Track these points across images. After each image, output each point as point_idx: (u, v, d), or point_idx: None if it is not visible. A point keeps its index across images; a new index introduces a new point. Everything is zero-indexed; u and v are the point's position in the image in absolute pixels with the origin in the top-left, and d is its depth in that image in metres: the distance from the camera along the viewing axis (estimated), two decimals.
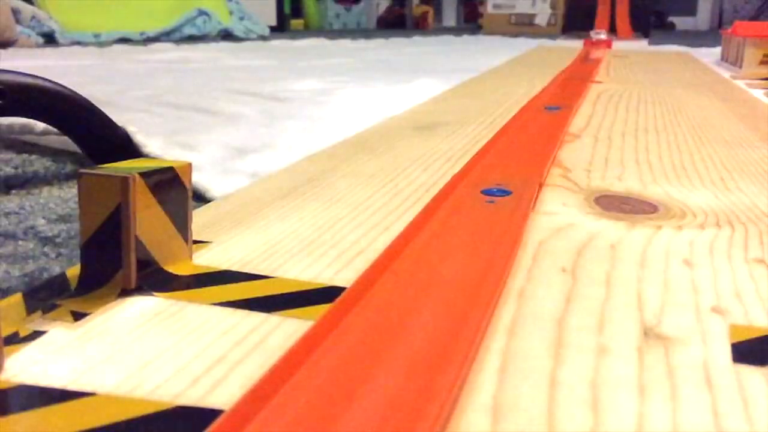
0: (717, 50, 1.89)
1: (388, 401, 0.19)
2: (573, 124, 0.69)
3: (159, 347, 0.23)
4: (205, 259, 0.31)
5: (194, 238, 0.32)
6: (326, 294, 0.28)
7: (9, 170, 0.61)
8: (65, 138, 0.59)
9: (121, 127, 0.61)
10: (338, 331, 0.23)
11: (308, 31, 4.19)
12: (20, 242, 0.43)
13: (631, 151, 0.57)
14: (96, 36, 2.65)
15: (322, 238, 0.35)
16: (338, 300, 0.25)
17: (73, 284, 0.28)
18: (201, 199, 0.50)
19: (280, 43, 2.63)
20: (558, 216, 0.38)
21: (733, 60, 1.55)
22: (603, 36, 2.04)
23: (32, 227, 0.45)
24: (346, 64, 1.68)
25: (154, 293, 0.27)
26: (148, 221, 0.28)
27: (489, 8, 3.89)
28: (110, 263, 0.27)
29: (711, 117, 0.76)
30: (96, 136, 0.58)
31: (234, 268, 0.30)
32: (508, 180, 0.44)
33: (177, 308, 0.26)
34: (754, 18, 3.87)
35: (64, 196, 0.53)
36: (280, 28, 3.97)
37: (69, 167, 0.62)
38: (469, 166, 0.48)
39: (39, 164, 0.63)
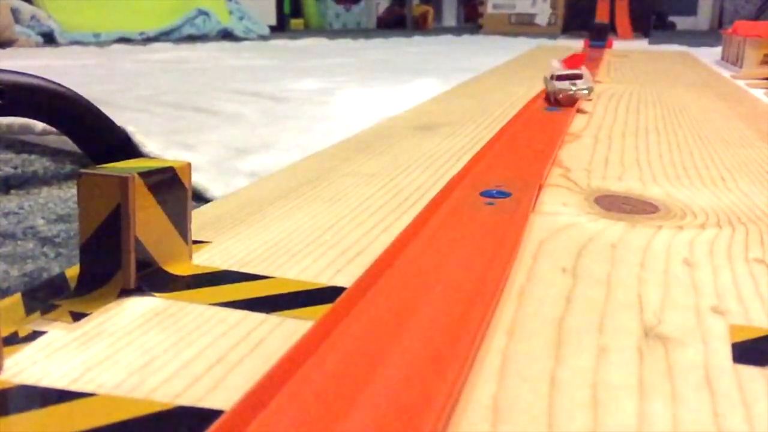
0: (717, 50, 1.89)
1: (388, 401, 0.19)
2: (573, 124, 0.69)
3: (159, 347, 0.23)
4: (205, 259, 0.31)
5: (194, 238, 0.32)
6: (326, 294, 0.28)
7: (9, 170, 0.61)
8: (65, 138, 0.59)
9: (121, 127, 0.61)
10: (338, 332, 0.23)
11: (308, 30, 4.19)
12: (20, 242, 0.42)
13: (632, 151, 0.57)
14: (96, 36, 2.65)
15: (322, 238, 0.35)
16: (338, 300, 0.25)
17: (73, 284, 0.28)
18: (201, 199, 0.50)
19: (280, 43, 2.62)
20: (558, 216, 0.38)
21: (733, 60, 1.55)
22: (584, 85, 0.77)
23: (32, 227, 0.45)
24: (346, 64, 1.68)
25: (154, 293, 0.27)
26: (147, 221, 0.28)
27: (489, 8, 3.89)
28: (109, 263, 0.27)
29: (711, 117, 0.76)
30: (95, 136, 0.58)
31: (234, 268, 0.30)
32: (508, 181, 0.44)
33: (177, 308, 0.26)
34: (755, 18, 3.87)
35: (64, 196, 0.53)
36: (280, 28, 3.97)
37: (68, 167, 0.62)
38: (468, 167, 0.48)
39: (39, 164, 0.63)
